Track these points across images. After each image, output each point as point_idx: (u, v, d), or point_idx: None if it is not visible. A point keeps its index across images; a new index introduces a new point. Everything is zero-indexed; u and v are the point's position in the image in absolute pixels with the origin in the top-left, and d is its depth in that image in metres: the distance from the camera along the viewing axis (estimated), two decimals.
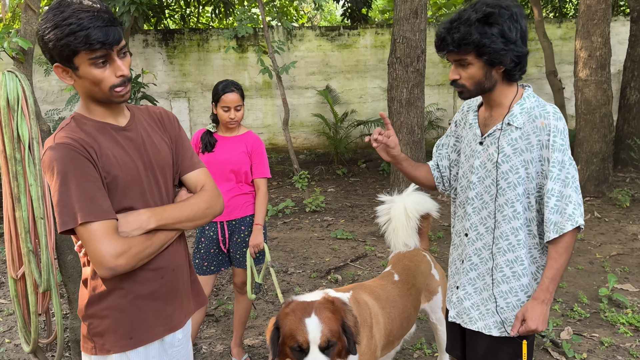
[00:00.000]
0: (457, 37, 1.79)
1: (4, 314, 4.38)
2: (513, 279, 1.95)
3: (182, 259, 1.78)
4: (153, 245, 1.59)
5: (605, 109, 7.47)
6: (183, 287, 1.79)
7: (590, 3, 7.20)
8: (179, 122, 1.88)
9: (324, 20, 20.77)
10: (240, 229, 3.26)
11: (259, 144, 3.27)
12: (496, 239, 1.96)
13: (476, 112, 2.06)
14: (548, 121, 1.82)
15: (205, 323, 4.11)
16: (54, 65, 1.55)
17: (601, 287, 4.37)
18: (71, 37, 1.46)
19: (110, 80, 1.55)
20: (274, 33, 10.92)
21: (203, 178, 1.81)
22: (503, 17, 1.77)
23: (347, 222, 6.93)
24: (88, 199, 1.48)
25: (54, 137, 1.54)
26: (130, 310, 1.63)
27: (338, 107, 11.13)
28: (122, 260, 1.49)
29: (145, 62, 10.70)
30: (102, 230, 1.47)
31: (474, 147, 2.02)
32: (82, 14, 1.48)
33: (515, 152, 1.88)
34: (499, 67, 1.85)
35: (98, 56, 1.51)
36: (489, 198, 1.97)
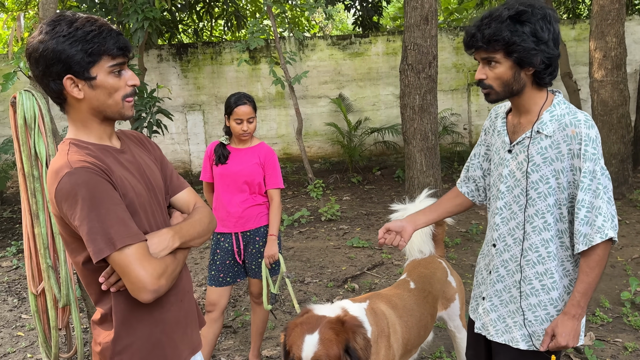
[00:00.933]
0: (488, 33, 1.73)
1: (26, 329, 4.44)
2: (542, 292, 1.89)
3: (190, 279, 1.77)
4: (180, 264, 1.57)
5: (623, 110, 7.37)
6: (195, 305, 1.79)
7: (604, 3, 7.13)
8: (157, 144, 1.85)
9: (336, 29, 20.86)
10: (255, 240, 3.28)
11: (272, 155, 3.29)
12: (525, 250, 1.90)
13: (504, 118, 2.00)
14: (579, 129, 1.75)
15: (223, 335, 4.12)
16: (65, 77, 1.45)
17: (623, 291, 4.30)
18: (92, 43, 1.43)
19: (125, 90, 1.53)
20: (285, 44, 10.99)
21: (193, 197, 1.79)
22: (536, 16, 1.72)
23: (363, 230, 6.92)
24: (120, 222, 1.41)
25: (69, 163, 1.43)
26: (162, 339, 1.59)
27: (351, 115, 11.14)
28: (164, 280, 1.45)
29: (160, 77, 10.84)
30: (139, 253, 1.42)
31: (502, 155, 1.96)
32: (95, 23, 1.46)
33: (545, 162, 1.82)
34: (529, 69, 1.78)
35: (117, 63, 1.49)
36: (518, 208, 1.91)
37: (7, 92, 9.35)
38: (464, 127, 11.42)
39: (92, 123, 1.56)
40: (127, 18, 8.14)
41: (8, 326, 4.51)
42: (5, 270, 6.14)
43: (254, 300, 3.43)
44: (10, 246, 7.01)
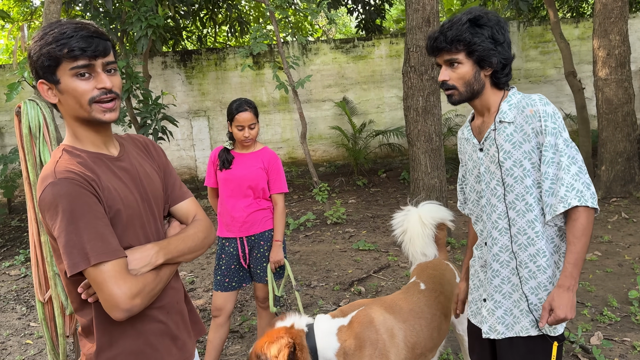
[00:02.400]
0: (450, 34, 1.87)
1: (34, 336, 4.47)
2: (539, 272, 1.94)
3: (181, 289, 1.73)
4: (162, 282, 1.52)
5: (628, 108, 7.34)
6: (186, 316, 1.74)
7: (607, 1, 7.11)
8: (163, 151, 1.80)
9: (339, 33, 20.89)
10: (259, 244, 3.29)
11: (275, 160, 3.31)
12: (514, 236, 1.96)
13: (469, 126, 2.11)
14: (536, 107, 1.86)
15: (230, 339, 4.13)
16: (38, 82, 1.45)
17: (631, 290, 4.27)
18: (53, 45, 1.40)
19: (91, 93, 1.44)
20: (289, 48, 11.03)
21: (194, 208, 1.74)
22: (491, 21, 1.88)
23: (369, 233, 6.91)
24: (99, 237, 1.38)
25: (54, 172, 1.42)
26: (146, 352, 1.56)
27: (356, 118, 11.15)
28: (138, 300, 1.41)
29: (165, 84, 10.89)
30: (114, 270, 1.38)
31: (475, 157, 2.06)
32: (68, 25, 1.43)
33: (514, 146, 1.91)
34: (487, 70, 1.92)
35: (80, 66, 1.42)
36: (497, 200, 1.98)
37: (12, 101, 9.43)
38: None
39: (78, 129, 1.52)
40: (131, 26, 8.20)
41: (17, 334, 4.54)
42: (14, 278, 6.18)
43: (259, 304, 3.44)
44: (19, 255, 7.07)
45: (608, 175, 7.48)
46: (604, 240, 5.73)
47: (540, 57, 11.21)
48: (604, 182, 7.56)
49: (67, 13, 9.89)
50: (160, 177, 1.70)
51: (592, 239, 5.84)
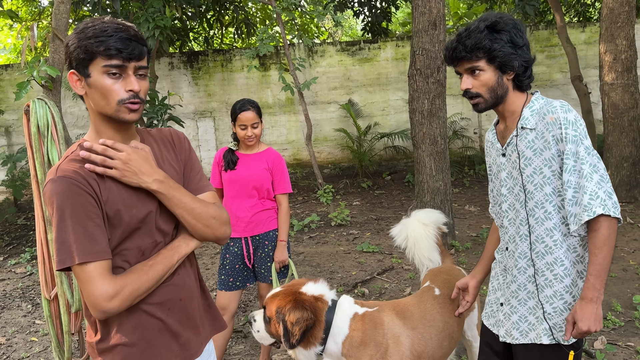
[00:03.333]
0: (470, 43, 1.86)
1: (40, 334, 4.50)
2: (555, 281, 1.92)
3: (191, 286, 1.71)
4: (150, 280, 1.52)
5: (634, 112, 7.33)
6: (196, 313, 1.72)
7: (613, 6, 7.10)
8: (189, 143, 1.81)
9: (345, 36, 20.93)
10: (264, 244, 3.30)
11: (280, 160, 3.33)
12: (532, 244, 1.95)
13: (494, 130, 2.11)
14: (557, 115, 1.84)
15: (233, 339, 4.15)
16: (70, 71, 1.51)
17: (635, 295, 4.26)
18: (91, 40, 1.44)
19: (120, 94, 1.48)
20: (295, 50, 11.06)
21: (212, 200, 1.73)
22: (508, 25, 1.87)
23: (373, 235, 6.92)
24: (86, 237, 1.42)
25: (57, 168, 1.47)
26: (140, 345, 1.58)
27: (361, 120, 11.16)
28: (115, 302, 1.44)
29: (171, 84, 10.94)
30: (97, 271, 1.42)
31: (498, 161, 2.06)
32: (110, 24, 1.47)
33: (535, 153, 1.90)
34: (510, 74, 1.91)
35: (113, 65, 1.46)
36: (519, 205, 1.97)
37: (21, 100, 9.49)
38: (474, 132, 11.39)
39: (100, 126, 1.56)
40: (139, 27, 8.24)
41: (22, 331, 4.57)
42: (20, 276, 6.23)
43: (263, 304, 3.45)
44: (25, 253, 7.11)
45: (613, 180, 7.46)
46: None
47: (546, 61, 11.19)
48: None
49: (75, 13, 9.96)
50: (179, 173, 1.71)
51: None
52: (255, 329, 2.39)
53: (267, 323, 2.33)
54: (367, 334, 2.29)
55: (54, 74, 3.09)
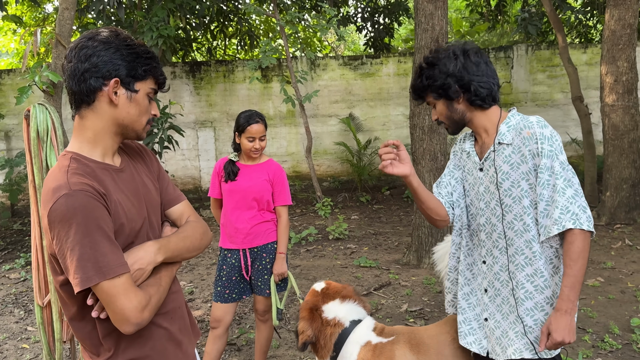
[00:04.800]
0: (416, 86, 2.08)
1: (31, 341, 4.44)
2: (536, 293, 1.93)
3: (181, 295, 1.76)
4: (164, 291, 1.56)
5: (634, 134, 7.34)
6: (187, 320, 1.77)
7: (615, 28, 7.15)
8: (155, 155, 1.85)
9: (348, 50, 21.04)
10: (262, 256, 3.28)
11: (280, 172, 3.31)
12: (511, 256, 1.97)
13: (472, 141, 2.16)
14: (533, 130, 1.89)
15: (227, 352, 4.10)
16: (113, 78, 1.48)
17: (633, 318, 4.23)
18: (149, 62, 1.55)
19: (148, 115, 1.60)
20: (297, 63, 11.10)
21: (188, 210, 1.78)
22: (441, 56, 2.00)
23: (370, 249, 6.89)
24: (113, 251, 1.39)
25: (68, 183, 1.40)
26: (153, 357, 1.58)
27: (361, 135, 11.17)
28: (147, 313, 1.44)
29: (173, 94, 10.96)
30: (126, 283, 1.40)
31: (475, 174, 2.10)
32: (149, 50, 1.58)
33: (512, 167, 1.94)
34: (458, 100, 2.01)
35: (154, 89, 1.59)
36: (496, 220, 2.01)
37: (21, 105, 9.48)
38: None
39: (105, 136, 1.54)
40: (142, 35, 8.28)
41: (13, 338, 4.52)
42: (13, 282, 6.17)
43: (259, 317, 3.41)
44: (19, 258, 7.06)
45: (612, 202, 7.46)
46: (607, 267, 5.69)
47: (547, 80, 11.24)
48: (608, 208, 7.53)
49: (79, 20, 10.00)
50: (155, 185, 1.73)
51: (595, 264, 5.80)
52: None
53: None
54: None
55: (56, 79, 3.08)
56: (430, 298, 5.01)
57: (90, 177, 1.46)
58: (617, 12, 7.11)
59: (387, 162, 1.98)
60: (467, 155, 2.15)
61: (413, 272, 5.85)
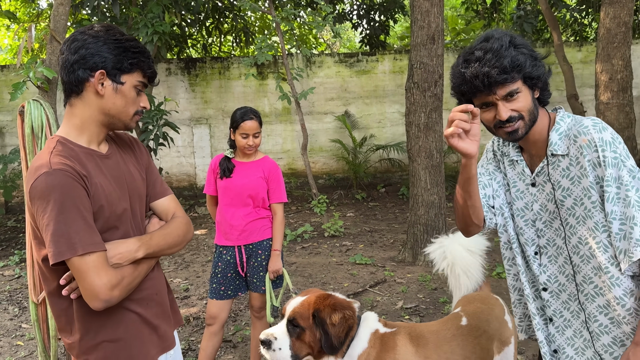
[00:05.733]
0: (507, 62, 1.56)
1: (26, 338, 4.43)
2: (612, 326, 1.65)
3: (161, 282, 1.81)
4: (140, 275, 1.61)
5: (628, 132, 7.37)
6: (167, 306, 1.82)
7: (610, 26, 7.17)
8: (146, 149, 1.91)
9: (343, 47, 21.03)
10: (257, 253, 3.27)
11: (276, 169, 3.31)
12: (579, 285, 1.70)
13: (517, 148, 1.82)
14: (590, 136, 1.59)
15: (222, 349, 4.10)
16: (99, 70, 1.55)
17: None
18: (138, 57, 1.60)
19: (137, 107, 1.65)
20: (293, 60, 11.08)
21: (173, 205, 1.84)
22: (519, 38, 1.65)
23: (366, 247, 6.89)
24: (87, 229, 1.47)
25: (49, 162, 1.48)
26: (125, 339, 1.63)
27: (357, 132, 11.17)
28: (117, 292, 1.49)
29: (168, 90, 10.93)
30: (98, 261, 1.47)
31: (522, 187, 1.80)
32: (140, 45, 1.63)
33: (573, 182, 1.64)
34: (536, 91, 1.68)
35: (143, 83, 1.64)
36: (561, 242, 1.73)
37: (16, 101, 9.44)
38: None
39: (92, 124, 1.62)
40: (137, 32, 8.24)
41: (8, 335, 4.50)
42: (7, 279, 6.15)
43: (254, 314, 3.41)
44: (13, 255, 7.03)
45: None
46: None
47: None
48: None
49: (74, 16, 9.95)
50: (142, 176, 1.79)
51: None
52: (277, 346, 2.10)
53: (296, 337, 2.11)
54: (380, 355, 2.17)
55: (51, 75, 3.06)
56: (425, 295, 5.03)
57: (73, 159, 1.53)
58: (612, 10, 7.13)
59: (458, 131, 1.55)
60: (512, 164, 1.83)
61: (408, 269, 5.86)
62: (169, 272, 6.16)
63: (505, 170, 1.86)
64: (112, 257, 1.53)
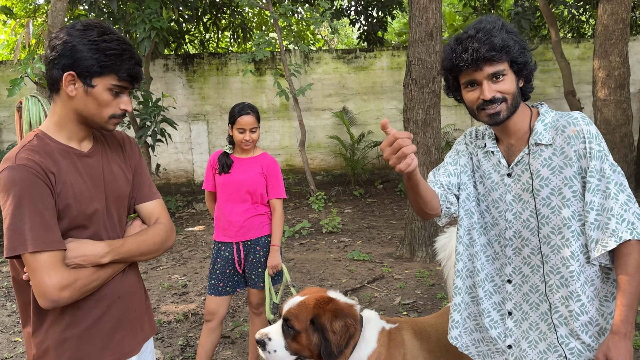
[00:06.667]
0: (498, 41, 1.60)
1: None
2: (571, 319, 1.67)
3: (131, 285, 1.74)
4: (100, 279, 1.57)
5: (625, 129, 7.39)
6: (134, 312, 1.74)
7: (608, 23, 7.18)
8: (139, 149, 1.86)
9: (341, 44, 20.99)
10: (255, 250, 3.28)
11: (274, 165, 3.31)
12: (546, 275, 1.71)
13: (494, 140, 1.83)
14: (580, 127, 1.63)
15: (221, 345, 4.10)
16: (67, 72, 1.52)
17: None
18: (110, 60, 1.52)
19: (114, 111, 1.59)
20: (291, 56, 11.07)
21: (158, 210, 1.79)
22: (510, 27, 1.68)
23: (364, 243, 6.91)
24: (42, 226, 1.45)
25: (15, 157, 1.49)
26: (73, 341, 1.58)
27: (355, 129, 11.17)
28: (66, 293, 1.46)
29: (166, 86, 10.90)
30: (50, 260, 1.44)
31: (496, 178, 1.80)
32: (125, 45, 1.55)
33: (554, 172, 1.67)
34: (520, 81, 1.71)
35: (120, 86, 1.57)
36: (529, 233, 1.73)
37: (13, 97, 9.41)
38: None
39: (69, 122, 1.59)
40: (135, 27, 8.21)
41: (6, 331, 4.50)
42: (5, 275, 6.14)
43: (252, 310, 3.42)
44: None
45: None
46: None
47: (540, 75, 11.28)
48: None
49: (71, 12, 9.91)
50: (128, 177, 1.75)
51: None
52: (271, 348, 2.08)
53: (291, 338, 2.09)
54: (391, 352, 2.16)
55: None
56: (423, 291, 5.04)
57: (45, 155, 1.52)
58: (610, 7, 7.14)
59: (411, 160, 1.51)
60: (487, 155, 1.83)
61: (406, 265, 5.87)
62: (167, 269, 6.17)
63: (479, 162, 1.86)
64: (75, 258, 1.51)
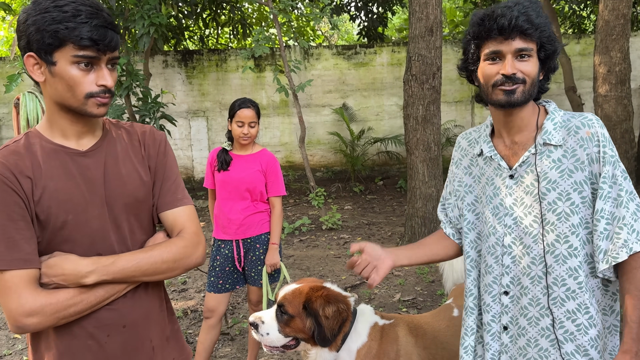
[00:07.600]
0: (535, 18, 1.48)
1: None
2: (579, 333, 1.54)
3: (145, 311, 1.46)
4: (83, 303, 1.31)
5: (626, 125, 7.37)
6: (149, 343, 1.47)
7: (609, 19, 7.14)
8: (167, 147, 1.55)
9: (341, 40, 20.95)
10: (255, 247, 3.26)
11: (274, 162, 3.29)
12: (550, 287, 1.56)
13: (489, 141, 1.70)
14: (594, 130, 1.52)
15: (220, 342, 4.10)
16: (26, 54, 1.30)
17: None
18: (62, 25, 1.24)
19: (89, 88, 1.31)
20: (291, 52, 11.03)
21: (183, 219, 1.48)
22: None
23: (364, 239, 6.89)
24: (5, 241, 1.24)
25: None
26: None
27: (355, 125, 11.15)
28: (34, 319, 1.24)
29: (165, 83, 10.87)
30: (16, 281, 1.24)
31: (499, 183, 1.65)
32: (82, 6, 1.27)
33: (563, 175, 1.54)
34: (541, 73, 1.59)
35: (85, 56, 1.27)
36: (531, 240, 1.58)
37: (10, 93, 9.40)
38: None
39: (54, 115, 1.37)
40: (134, 23, 8.18)
41: (5, 328, 4.49)
42: None
43: (252, 307, 3.41)
44: None
45: None
46: None
47: None
48: None
49: None
50: (143, 179, 1.47)
51: None
52: (264, 331, 2.13)
53: (284, 323, 2.12)
54: (383, 347, 2.15)
55: None
56: (422, 287, 5.03)
57: (26, 156, 1.32)
58: (611, 3, 7.11)
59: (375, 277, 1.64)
60: (486, 160, 1.70)
61: None
62: None
63: (482, 170, 1.73)
64: (53, 277, 1.29)
